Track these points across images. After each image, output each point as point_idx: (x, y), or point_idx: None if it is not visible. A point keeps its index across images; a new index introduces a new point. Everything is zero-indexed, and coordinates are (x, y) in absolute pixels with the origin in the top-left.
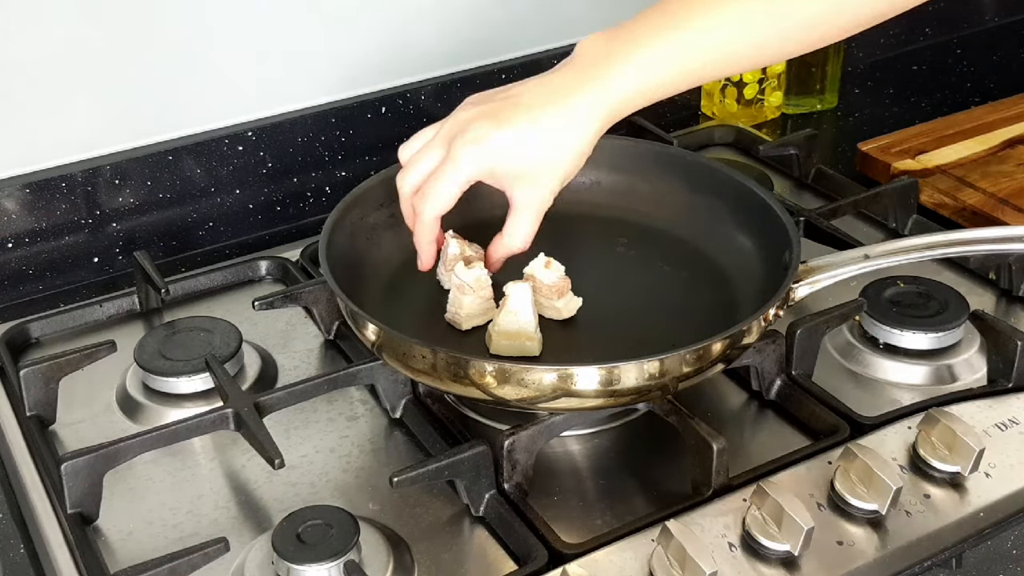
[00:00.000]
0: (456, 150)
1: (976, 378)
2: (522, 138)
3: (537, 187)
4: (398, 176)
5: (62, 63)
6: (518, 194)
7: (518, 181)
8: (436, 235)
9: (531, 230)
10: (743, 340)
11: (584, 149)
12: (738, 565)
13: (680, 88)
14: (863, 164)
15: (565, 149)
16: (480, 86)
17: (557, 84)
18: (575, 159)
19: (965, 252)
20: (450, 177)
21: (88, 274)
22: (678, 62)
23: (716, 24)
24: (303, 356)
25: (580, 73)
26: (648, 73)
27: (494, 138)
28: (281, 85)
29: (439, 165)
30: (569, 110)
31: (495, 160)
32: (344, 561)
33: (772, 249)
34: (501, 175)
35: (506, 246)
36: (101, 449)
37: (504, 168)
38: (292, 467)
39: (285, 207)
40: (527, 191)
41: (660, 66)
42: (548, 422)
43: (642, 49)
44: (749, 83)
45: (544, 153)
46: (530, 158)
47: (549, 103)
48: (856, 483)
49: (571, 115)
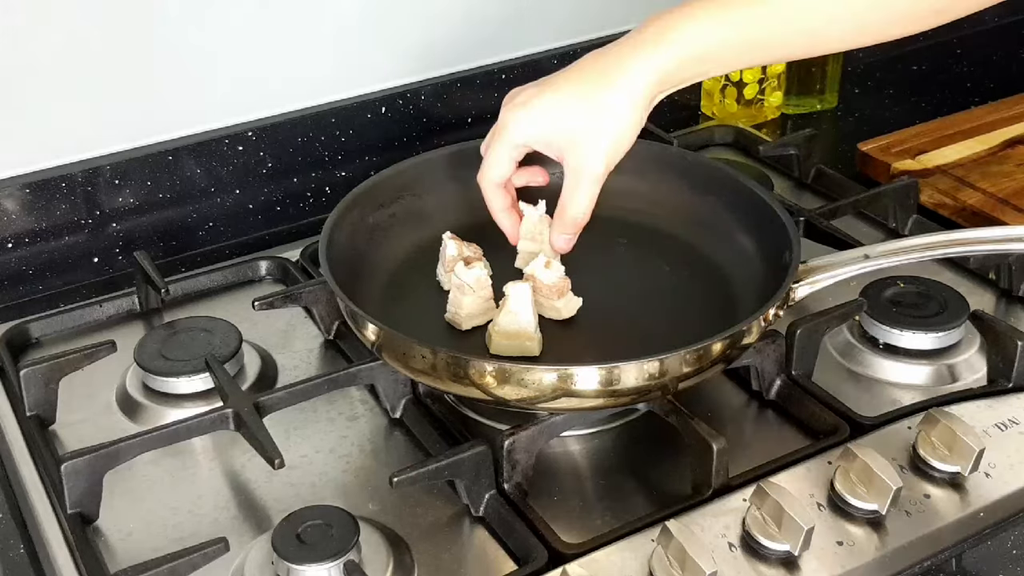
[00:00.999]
0: (504, 116)
1: (976, 378)
2: (568, 101)
3: (588, 153)
4: None
5: (62, 63)
6: (570, 160)
7: (570, 147)
8: (508, 204)
9: (587, 198)
10: (743, 340)
11: (633, 117)
12: (738, 565)
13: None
14: (863, 164)
15: (613, 114)
16: (480, 86)
17: (609, 54)
18: (624, 126)
19: (965, 252)
20: (499, 141)
21: (88, 274)
22: (731, 32)
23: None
24: (303, 356)
25: (631, 43)
26: (698, 41)
27: (539, 101)
28: (281, 85)
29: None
30: (617, 76)
31: (542, 124)
32: (344, 561)
33: (772, 249)
34: (553, 141)
35: (566, 217)
36: (101, 449)
37: (553, 132)
38: (292, 467)
39: (285, 207)
40: (578, 157)
41: (711, 34)
42: (548, 422)
43: (694, 17)
44: (749, 83)
45: (592, 118)
46: (578, 122)
47: (597, 72)
48: (856, 483)
49: (619, 81)
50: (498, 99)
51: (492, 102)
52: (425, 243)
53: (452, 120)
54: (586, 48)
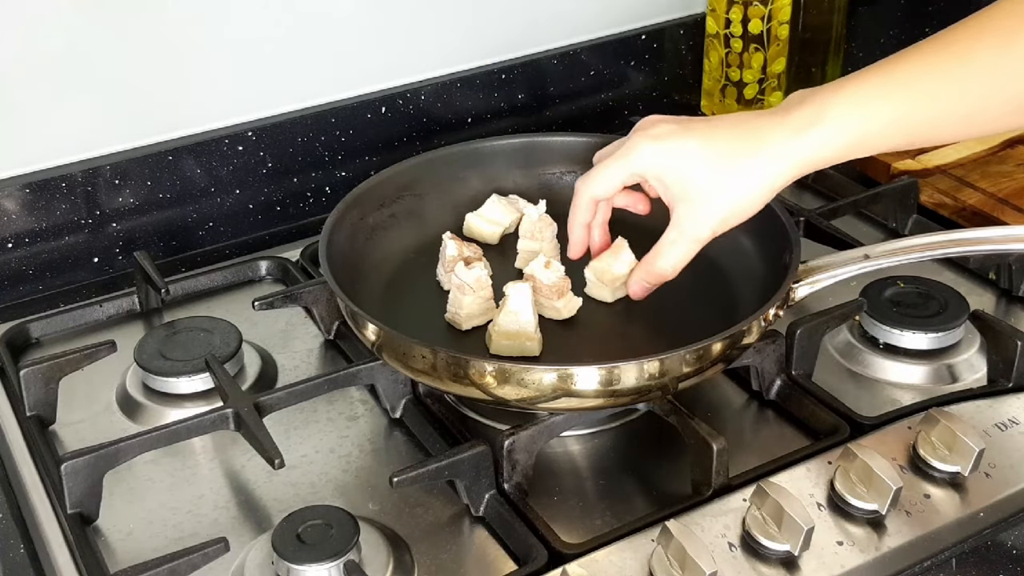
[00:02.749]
0: (634, 141)
1: (976, 378)
2: (705, 154)
3: (701, 214)
4: None
5: (62, 63)
6: (680, 212)
7: (685, 199)
8: (588, 221)
9: (681, 256)
10: (743, 340)
11: (761, 194)
12: (738, 565)
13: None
14: (863, 164)
15: (744, 186)
16: (480, 86)
17: (753, 122)
18: (748, 201)
19: (965, 252)
20: (618, 163)
21: (88, 274)
22: (888, 121)
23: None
24: (303, 356)
25: (778, 117)
26: (850, 131)
27: (677, 141)
28: (281, 85)
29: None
30: (764, 148)
31: (668, 163)
32: (344, 561)
33: (772, 249)
34: (670, 183)
35: (654, 268)
36: (101, 449)
37: (674, 176)
38: (292, 467)
39: (285, 207)
40: (690, 213)
41: (865, 126)
42: (548, 422)
43: (849, 102)
44: (749, 83)
45: (721, 180)
46: (706, 179)
47: (745, 135)
48: (856, 483)
49: (765, 153)
50: (498, 99)
51: (492, 102)
52: (425, 243)
53: (452, 120)
54: (586, 48)
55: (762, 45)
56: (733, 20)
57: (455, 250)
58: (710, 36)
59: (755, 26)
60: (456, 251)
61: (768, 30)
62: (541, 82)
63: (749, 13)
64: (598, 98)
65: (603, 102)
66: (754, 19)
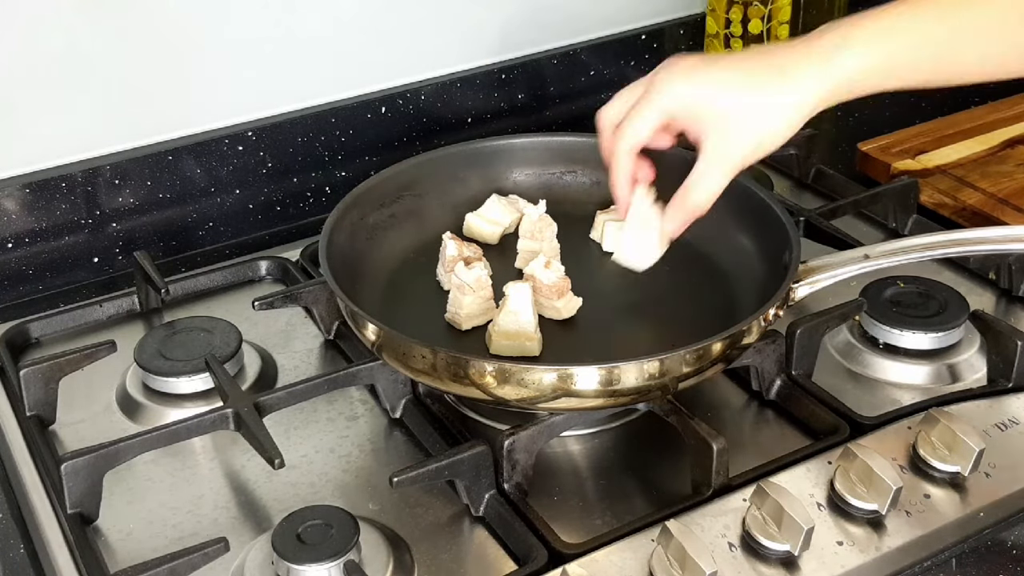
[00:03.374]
0: (659, 79)
1: (976, 378)
2: (736, 80)
3: (733, 141)
4: (600, 110)
5: (62, 63)
6: (710, 142)
7: (716, 127)
8: (630, 174)
9: (714, 187)
10: (743, 340)
11: (793, 119)
12: (738, 565)
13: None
14: (863, 164)
15: (775, 110)
16: (480, 86)
17: (783, 51)
18: (780, 126)
19: (965, 252)
20: (649, 101)
21: (88, 274)
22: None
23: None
24: (303, 356)
25: (805, 46)
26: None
27: (704, 70)
28: (281, 85)
29: (640, 96)
30: (794, 73)
31: (699, 94)
32: (344, 561)
33: (772, 249)
34: (701, 114)
35: (687, 203)
36: (101, 449)
37: (706, 105)
38: (292, 467)
39: (285, 207)
40: (722, 141)
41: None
42: (548, 422)
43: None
44: None
45: (753, 105)
46: (738, 104)
47: (773, 65)
48: (856, 483)
49: (795, 78)
50: (498, 99)
51: (492, 102)
52: (425, 243)
53: (452, 120)
54: (586, 48)
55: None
56: (733, 20)
57: (455, 250)
58: (710, 36)
59: (755, 26)
60: (456, 251)
61: (768, 30)
62: (541, 82)
63: (749, 13)
64: (598, 98)
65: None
66: (754, 19)
